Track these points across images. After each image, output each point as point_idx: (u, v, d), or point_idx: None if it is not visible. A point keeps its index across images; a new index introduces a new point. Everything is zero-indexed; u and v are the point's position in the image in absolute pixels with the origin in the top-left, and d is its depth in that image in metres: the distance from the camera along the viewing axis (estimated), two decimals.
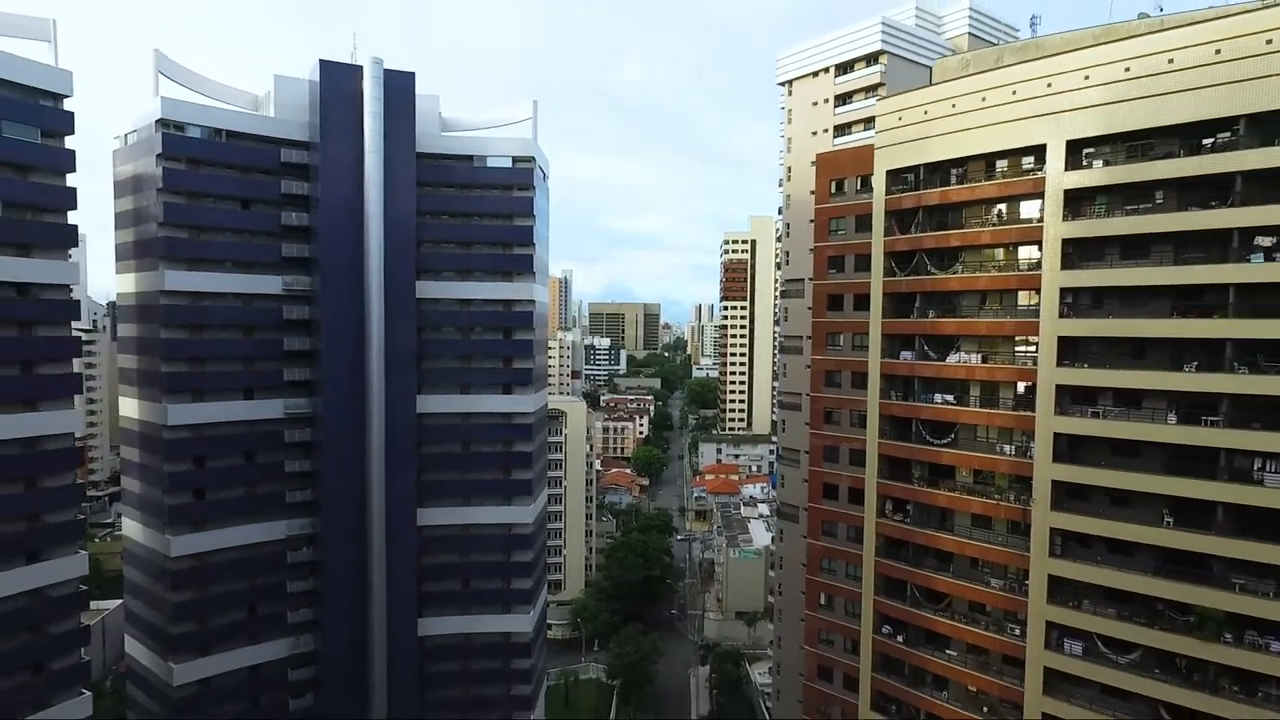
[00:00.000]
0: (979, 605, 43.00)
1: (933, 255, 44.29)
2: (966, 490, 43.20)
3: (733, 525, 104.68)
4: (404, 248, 57.08)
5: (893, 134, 45.66)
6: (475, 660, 63.74)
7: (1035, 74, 39.45)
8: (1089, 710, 38.76)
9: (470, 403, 62.67)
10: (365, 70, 54.89)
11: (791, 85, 65.41)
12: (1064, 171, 38.47)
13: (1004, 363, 41.51)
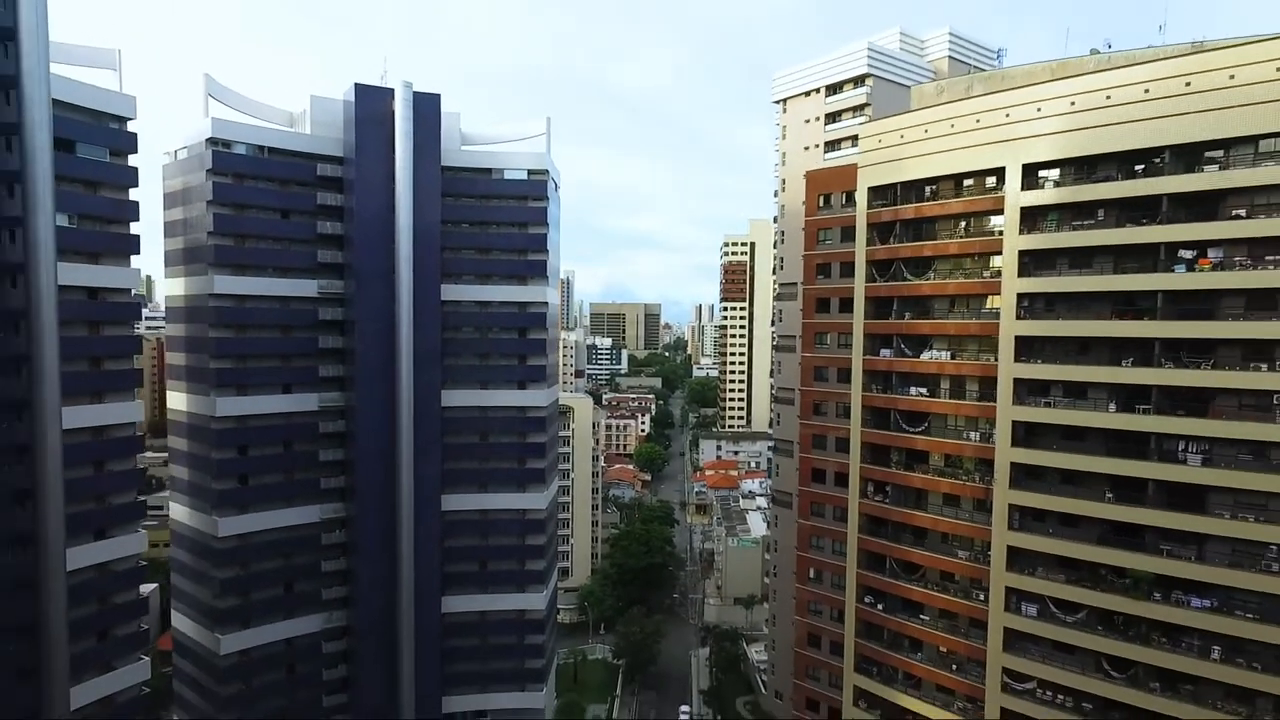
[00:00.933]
0: (949, 575, 48.72)
1: (908, 263, 50.07)
2: (938, 472, 48.95)
3: (732, 517, 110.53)
4: (430, 254, 62.71)
5: (874, 154, 51.44)
6: (492, 636, 69.33)
7: (996, 105, 45.23)
8: (1043, 664, 44.50)
9: (488, 397, 68.33)
10: (396, 93, 60.56)
11: (786, 104, 71.19)
12: (1020, 191, 44.23)
13: (970, 359, 47.26)
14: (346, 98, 62.08)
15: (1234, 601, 38.34)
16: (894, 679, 51.51)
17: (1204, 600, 39.14)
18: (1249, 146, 37.43)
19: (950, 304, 48.51)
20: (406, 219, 60.95)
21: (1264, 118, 36.35)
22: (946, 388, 48.60)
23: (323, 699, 64.45)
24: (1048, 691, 44.45)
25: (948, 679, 48.39)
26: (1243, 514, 37.82)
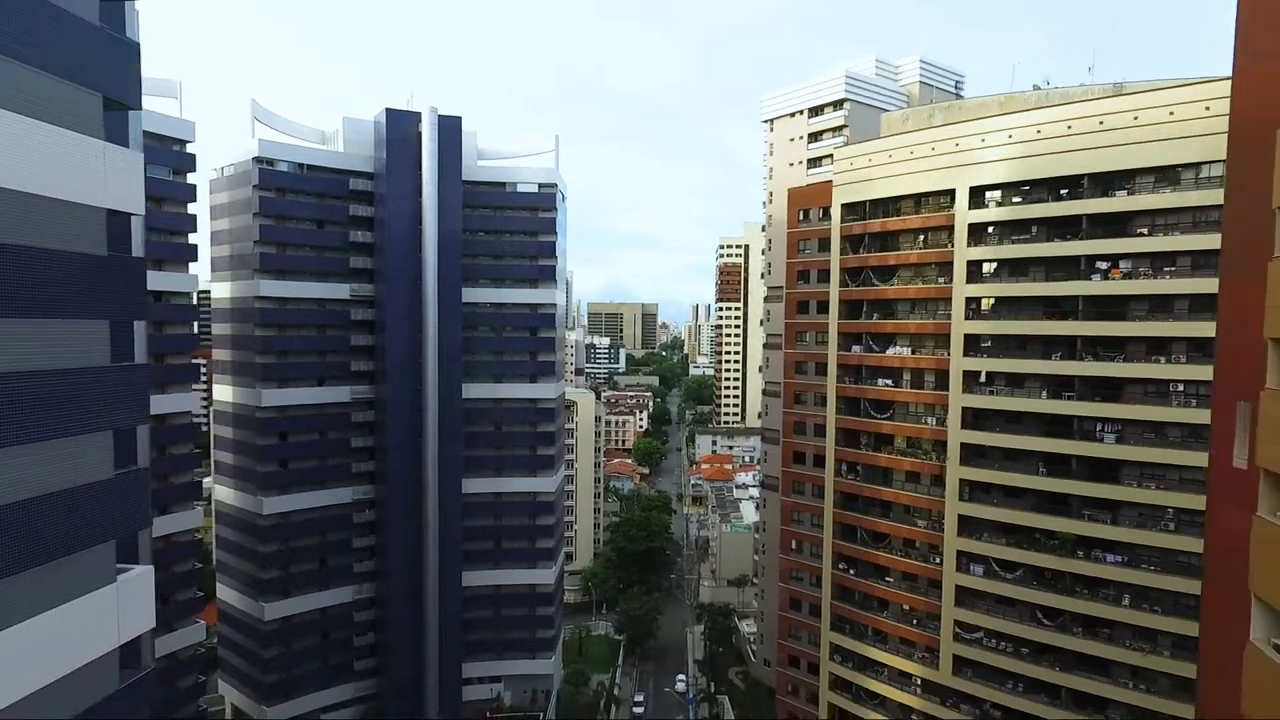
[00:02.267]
0: (910, 541, 56.52)
1: (876, 271, 57.91)
2: (901, 453, 56.76)
3: (725, 505, 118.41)
4: (452, 261, 70.32)
5: (846, 175, 59.25)
6: (506, 608, 77.03)
7: (948, 136, 53.07)
8: (988, 616, 52.33)
9: (503, 390, 76.04)
10: (423, 116, 68.15)
11: (773, 123, 79.00)
12: (968, 210, 52.06)
13: (927, 354, 55.08)
14: (377, 119, 69.67)
15: (1140, 557, 46.22)
16: (864, 635, 59.35)
17: (1117, 556, 47.01)
18: (1151, 176, 45.34)
19: (911, 306, 56.28)
20: (432, 228, 68.53)
21: (1162, 153, 44.24)
22: (908, 379, 56.41)
23: (354, 663, 72.12)
24: (992, 639, 52.30)
25: (909, 632, 56.21)
26: (1147, 483, 45.69)
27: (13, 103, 15.95)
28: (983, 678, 52.71)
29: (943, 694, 54.60)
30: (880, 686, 57.91)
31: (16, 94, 16.02)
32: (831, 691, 61.43)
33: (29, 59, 16.25)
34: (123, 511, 19.44)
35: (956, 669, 53.74)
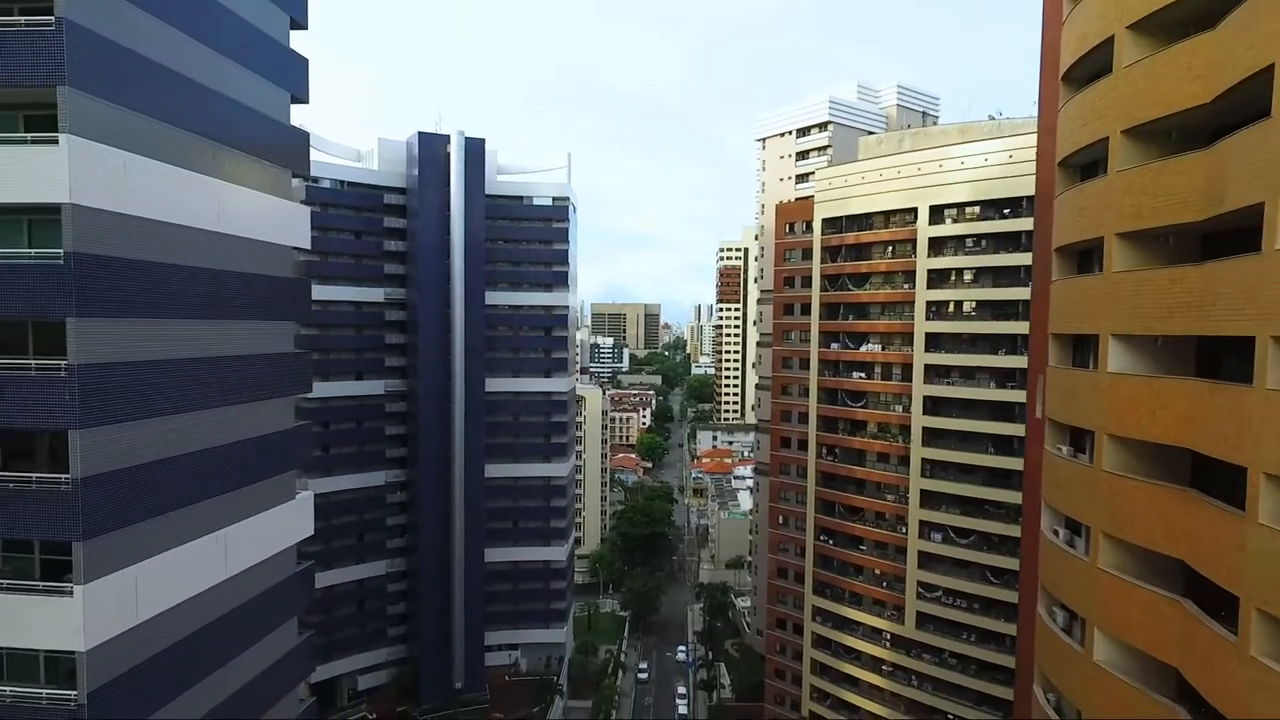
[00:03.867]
0: (881, 514, 65.68)
1: (851, 277, 67.15)
2: (872, 436, 65.98)
3: (724, 494, 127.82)
4: (477, 267, 79.65)
5: (826, 194, 68.53)
6: (523, 582, 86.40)
7: (912, 161, 62.32)
8: (946, 577, 61.47)
9: (520, 384, 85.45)
10: (452, 138, 77.51)
11: (765, 142, 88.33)
12: (928, 225, 61.29)
13: (895, 350, 64.26)
14: (410, 140, 79.08)
15: None
16: (842, 597, 68.56)
17: None
18: None
19: (881, 309, 65.46)
20: (458, 238, 77.85)
21: None
22: (878, 372, 65.64)
23: (387, 630, 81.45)
24: (950, 597, 61.47)
25: (880, 593, 65.40)
26: None
27: (254, 184, 25.38)
28: (941, 631, 61.86)
29: (908, 646, 63.79)
30: (855, 641, 67.10)
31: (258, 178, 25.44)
32: (814, 649, 70.63)
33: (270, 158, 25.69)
34: (297, 451, 28.91)
35: (920, 624, 62.92)
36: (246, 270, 25.71)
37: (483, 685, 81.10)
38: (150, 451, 21.45)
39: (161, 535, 21.87)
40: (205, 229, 23.42)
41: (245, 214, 25.54)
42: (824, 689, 69.97)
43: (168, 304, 21.95)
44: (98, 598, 19.53)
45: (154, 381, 21.54)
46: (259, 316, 26.84)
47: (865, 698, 66.56)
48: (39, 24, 18.24)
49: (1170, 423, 19.21)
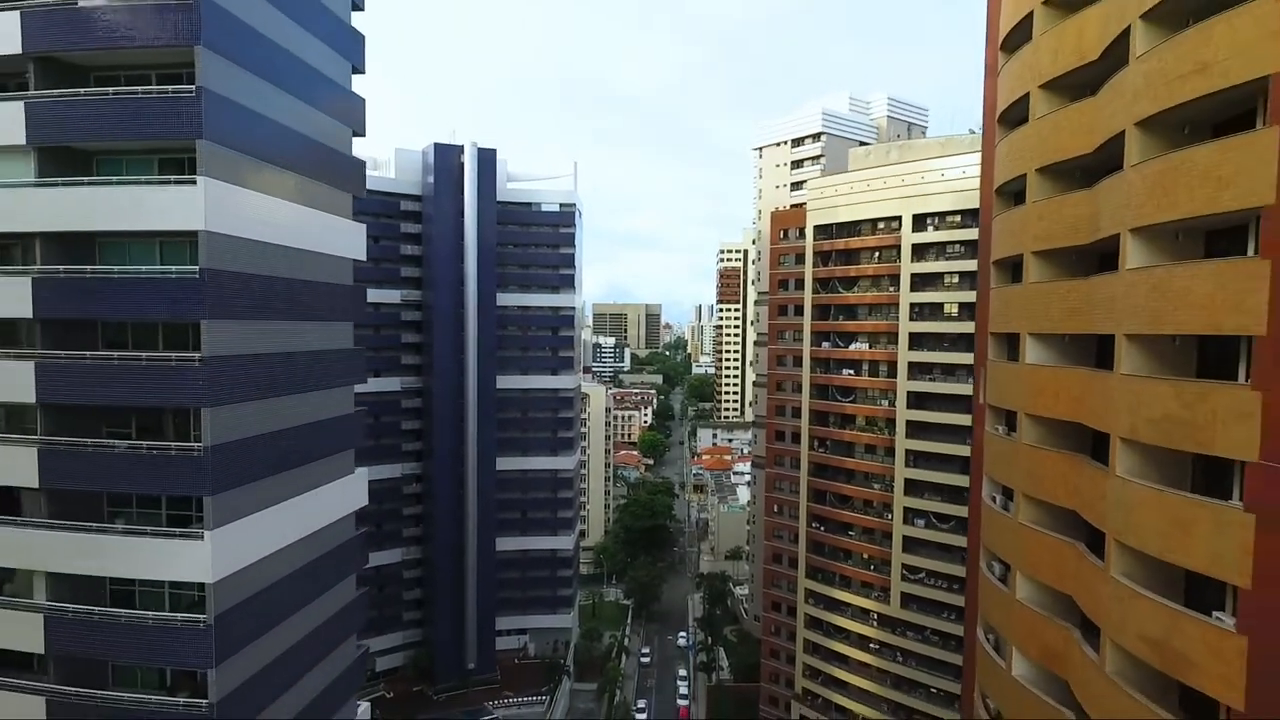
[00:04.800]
0: (869, 501, 71.04)
1: (841, 281, 72.57)
2: (860, 429, 71.35)
3: (723, 489, 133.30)
4: (488, 270, 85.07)
5: (817, 202, 73.94)
6: (531, 569, 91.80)
7: (896, 173, 67.73)
8: (929, 560, 66.84)
9: (529, 381, 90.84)
10: (465, 149, 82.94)
11: (761, 151, 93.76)
12: (911, 232, 66.68)
13: (881, 349, 69.63)
14: (425, 151, 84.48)
15: None
16: (832, 580, 73.95)
17: None
18: None
19: (869, 310, 70.83)
20: (472, 243, 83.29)
21: None
22: (866, 369, 71.03)
23: (403, 614, 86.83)
24: (932, 578, 66.83)
25: (867, 576, 70.77)
26: None
27: (327, 207, 30.87)
28: (924, 610, 67.17)
29: (894, 624, 69.15)
30: (845, 621, 72.47)
31: (327, 202, 30.94)
32: (806, 630, 76.02)
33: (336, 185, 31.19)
34: (355, 432, 34.37)
35: (904, 603, 68.27)
36: (320, 279, 31.15)
37: (494, 667, 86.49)
38: (253, 427, 26.85)
39: (260, 496, 27.28)
40: (292, 246, 28.85)
41: (319, 232, 31.00)
42: (816, 667, 75.34)
43: (266, 308, 27.36)
44: (220, 542, 24.92)
45: (256, 370, 26.97)
46: (328, 318, 32.30)
47: (854, 674, 71.92)
48: (183, 91, 23.67)
49: (1067, 403, 24.61)
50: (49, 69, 24.86)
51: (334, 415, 32.76)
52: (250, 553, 26.58)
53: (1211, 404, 18.22)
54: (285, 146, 28.42)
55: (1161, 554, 19.72)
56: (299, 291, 29.61)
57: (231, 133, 25.02)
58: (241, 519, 26.13)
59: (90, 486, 25.25)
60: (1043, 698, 26.07)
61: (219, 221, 24.48)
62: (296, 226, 29.22)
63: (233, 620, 25.58)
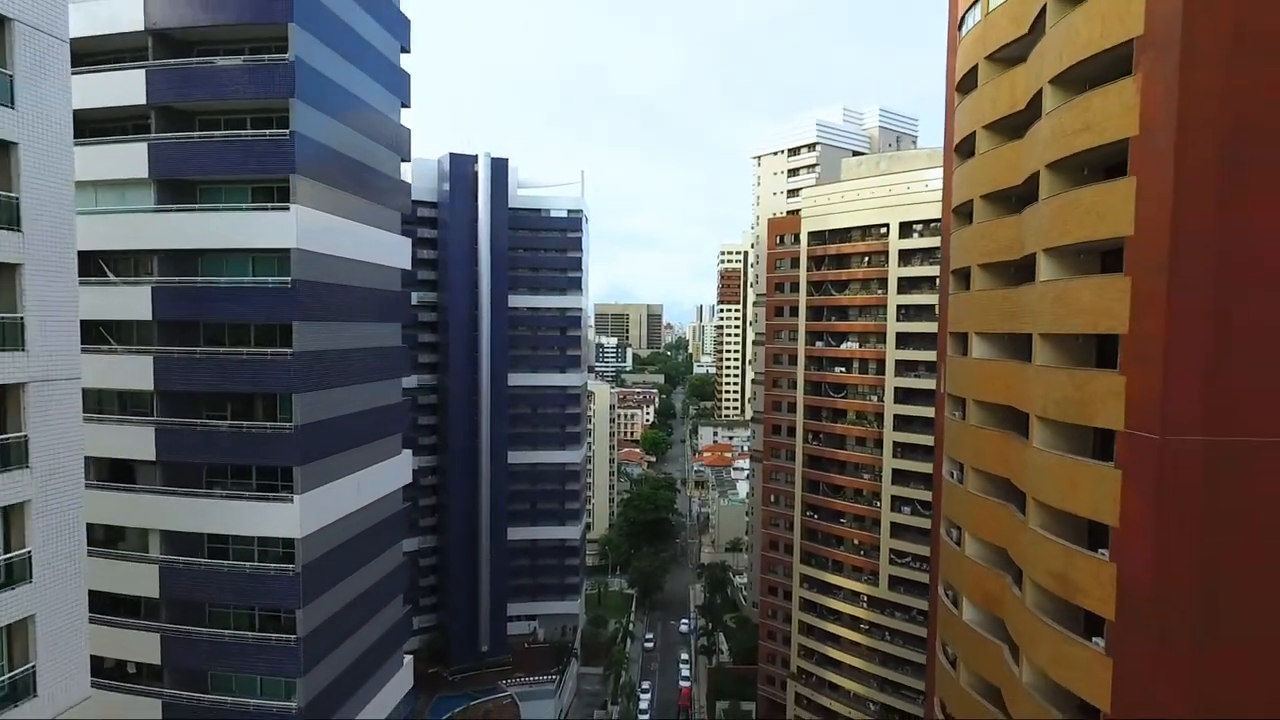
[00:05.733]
0: (859, 490, 76.65)
1: (833, 284, 78.21)
2: (851, 423, 77.00)
3: (724, 484, 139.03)
4: (501, 272, 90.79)
5: (811, 209, 79.60)
6: (540, 558, 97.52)
7: (885, 183, 73.35)
8: (914, 545, 72.42)
9: (538, 379, 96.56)
10: (479, 158, 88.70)
11: (759, 159, 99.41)
12: (898, 239, 72.31)
13: (870, 348, 75.25)
14: (441, 160, 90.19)
15: None
16: (825, 565, 79.57)
17: None
18: None
19: (859, 311, 76.45)
20: (485, 248, 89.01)
21: None
22: (856, 367, 76.65)
23: (419, 600, 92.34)
24: (917, 562, 72.37)
25: (857, 560, 76.39)
26: None
27: (380, 224, 36.62)
28: (910, 591, 72.70)
29: (882, 606, 74.72)
30: (837, 604, 78.08)
31: (381, 220, 36.69)
32: (801, 612, 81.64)
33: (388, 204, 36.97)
34: (402, 418, 40.07)
35: (892, 586, 73.84)
36: (376, 286, 36.86)
37: (506, 650, 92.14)
38: (327, 411, 32.52)
39: (332, 469, 32.95)
40: (354, 258, 34.56)
41: (375, 246, 36.71)
42: (810, 647, 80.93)
43: (337, 311, 33.05)
44: (306, 505, 30.59)
45: (329, 364, 32.65)
46: (381, 319, 38.01)
47: (846, 653, 77.48)
48: (280, 134, 29.39)
49: (1001, 390, 30.25)
50: (165, 115, 30.56)
51: (386, 403, 38.44)
52: (325, 516, 32.26)
53: (1094, 387, 23.89)
54: (352, 174, 34.11)
55: (1061, 505, 25.39)
56: (360, 297, 35.30)
57: (314, 166, 30.70)
58: (319, 487, 31.80)
59: (198, 459, 30.96)
60: (986, 636, 31.71)
61: (306, 240, 30.18)
62: (358, 241, 34.91)
63: (313, 571, 31.25)
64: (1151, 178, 21.76)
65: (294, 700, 31.08)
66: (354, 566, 35.25)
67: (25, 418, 18.83)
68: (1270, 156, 20.77)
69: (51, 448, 19.41)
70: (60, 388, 19.60)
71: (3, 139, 18.21)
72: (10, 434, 18.71)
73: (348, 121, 33.56)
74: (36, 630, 19.27)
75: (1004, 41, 30.90)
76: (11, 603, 18.70)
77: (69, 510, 20.00)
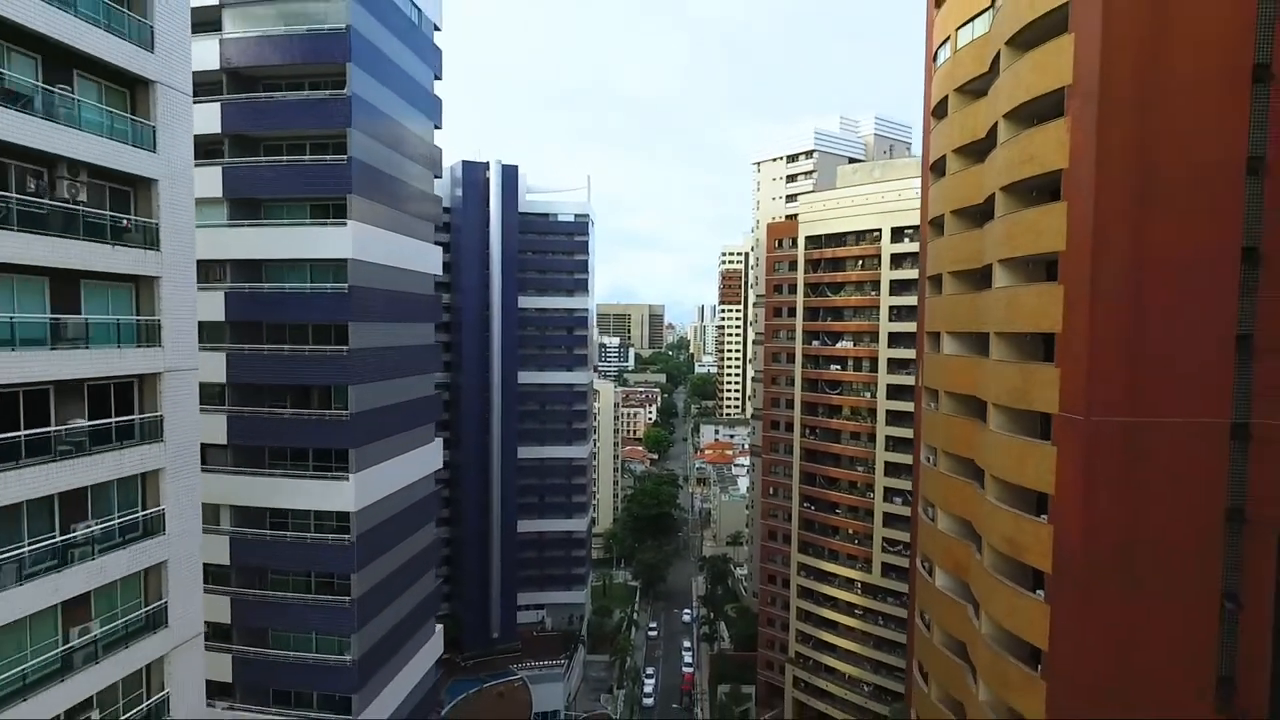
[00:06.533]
0: (853, 482, 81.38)
1: (829, 286, 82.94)
2: (845, 418, 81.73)
3: (725, 480, 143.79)
4: (511, 275, 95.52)
5: (808, 215, 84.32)
6: (548, 550, 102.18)
7: (878, 190, 78.08)
8: (906, 533, 77.06)
9: (546, 377, 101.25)
10: (491, 165, 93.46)
11: (759, 165, 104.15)
12: (890, 243, 77.02)
13: (864, 347, 80.00)
14: (453, 166, 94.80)
15: None
16: (822, 554, 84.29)
17: None
18: None
19: (853, 312, 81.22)
20: (497, 251, 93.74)
21: None
22: (851, 365, 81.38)
23: None
24: (908, 549, 76.97)
25: (852, 549, 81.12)
26: None
27: (416, 234, 41.43)
28: (902, 578, 77.27)
29: (875, 591, 79.45)
30: (833, 590, 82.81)
31: (417, 230, 41.50)
32: (799, 599, 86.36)
33: (422, 216, 41.79)
34: (435, 409, 44.83)
35: (884, 572, 78.57)
36: (413, 290, 41.64)
37: (516, 638, 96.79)
38: (375, 401, 37.26)
39: (379, 453, 37.71)
40: (398, 266, 39.32)
41: (412, 254, 41.48)
42: (807, 632, 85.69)
43: (383, 312, 37.81)
44: (359, 483, 35.33)
45: (377, 359, 37.42)
46: (417, 319, 42.77)
47: (841, 637, 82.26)
48: (338, 160, 34.16)
49: (967, 381, 34.95)
50: (237, 141, 35.33)
51: (421, 395, 43.21)
52: (374, 493, 37.03)
53: (1035, 377, 28.61)
54: (394, 191, 38.89)
55: (1011, 479, 30.12)
56: (400, 300, 40.07)
57: (365, 186, 35.48)
58: (369, 468, 36.58)
59: (264, 443, 35.73)
60: (954, 598, 36.42)
61: (359, 251, 34.94)
62: (399, 250, 39.68)
63: (365, 541, 36.02)
64: (1077, 203, 26.51)
65: (348, 655, 35.86)
66: (396, 540, 40.00)
67: (161, 401, 23.58)
68: (1170, 189, 25.47)
69: (178, 426, 24.14)
70: (184, 377, 24.34)
71: (147, 176, 22.96)
72: (148, 414, 23.46)
73: (391, 145, 38.32)
74: (168, 574, 24.02)
75: (969, 77, 35.63)
76: (151, 550, 23.42)
77: (190, 477, 24.72)
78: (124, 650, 22.44)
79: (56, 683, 20.23)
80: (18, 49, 19.58)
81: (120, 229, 22.13)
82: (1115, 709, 26.97)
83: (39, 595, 19.82)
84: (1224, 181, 25.19)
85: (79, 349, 20.78)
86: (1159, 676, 26.69)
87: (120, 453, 22.14)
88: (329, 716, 36.06)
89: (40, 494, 19.98)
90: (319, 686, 36.36)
